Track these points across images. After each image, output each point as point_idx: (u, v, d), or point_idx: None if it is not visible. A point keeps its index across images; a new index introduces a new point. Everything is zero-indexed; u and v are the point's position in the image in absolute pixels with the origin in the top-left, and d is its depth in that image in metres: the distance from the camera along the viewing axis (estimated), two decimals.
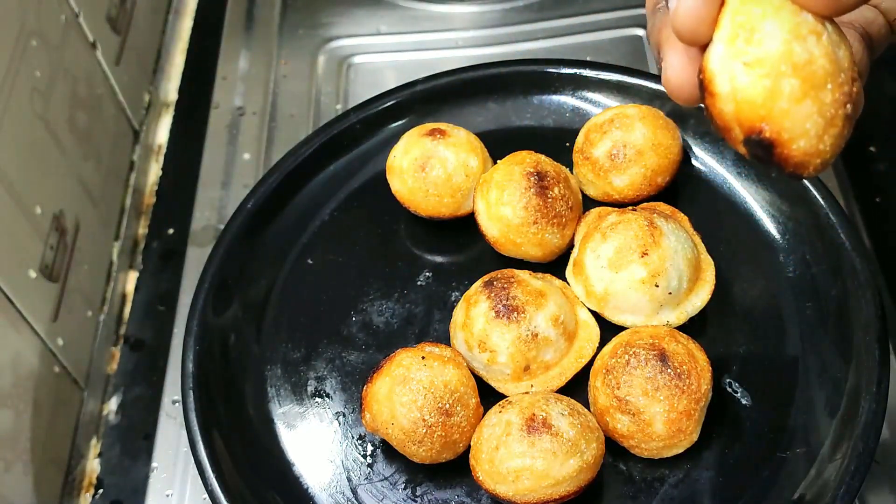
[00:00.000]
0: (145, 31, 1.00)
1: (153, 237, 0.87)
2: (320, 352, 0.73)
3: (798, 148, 0.31)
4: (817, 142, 0.32)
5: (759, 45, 0.31)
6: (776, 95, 0.31)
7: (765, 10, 0.31)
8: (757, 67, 0.31)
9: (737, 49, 0.31)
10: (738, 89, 0.31)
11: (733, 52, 0.31)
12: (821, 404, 0.66)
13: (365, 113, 0.82)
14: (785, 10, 0.31)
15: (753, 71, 0.31)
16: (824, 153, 0.32)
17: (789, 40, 0.31)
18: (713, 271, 0.70)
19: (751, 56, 0.31)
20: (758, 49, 0.31)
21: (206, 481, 0.63)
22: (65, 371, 0.75)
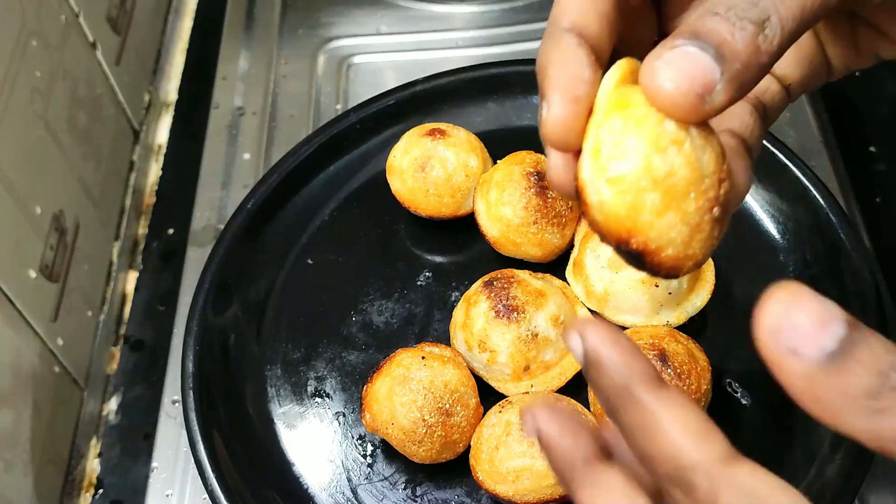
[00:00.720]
0: (145, 32, 1.00)
1: (153, 237, 0.87)
2: (320, 352, 0.73)
3: (667, 255, 0.32)
4: (685, 248, 0.32)
5: (620, 159, 0.31)
6: (638, 210, 0.31)
7: (626, 122, 0.31)
8: (618, 184, 0.31)
9: (600, 164, 0.31)
10: (603, 202, 0.32)
11: (597, 167, 0.32)
12: None
13: (365, 113, 0.82)
14: (648, 121, 0.31)
15: (615, 187, 0.31)
16: (695, 256, 0.33)
17: (649, 154, 0.31)
18: (713, 271, 0.69)
19: (612, 172, 0.31)
20: (618, 164, 0.31)
21: (206, 481, 0.63)
22: (65, 371, 0.75)
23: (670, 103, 0.31)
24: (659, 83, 0.31)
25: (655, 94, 0.31)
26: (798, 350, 0.28)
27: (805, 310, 0.29)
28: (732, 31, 0.31)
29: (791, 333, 0.29)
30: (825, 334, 0.28)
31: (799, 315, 0.29)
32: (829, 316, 0.28)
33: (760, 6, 0.31)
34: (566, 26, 0.34)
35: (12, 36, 0.70)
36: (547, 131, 0.33)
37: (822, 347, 0.28)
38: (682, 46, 0.31)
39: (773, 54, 0.32)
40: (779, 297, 0.29)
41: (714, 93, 0.31)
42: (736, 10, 0.31)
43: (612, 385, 0.32)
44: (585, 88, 0.33)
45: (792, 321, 0.29)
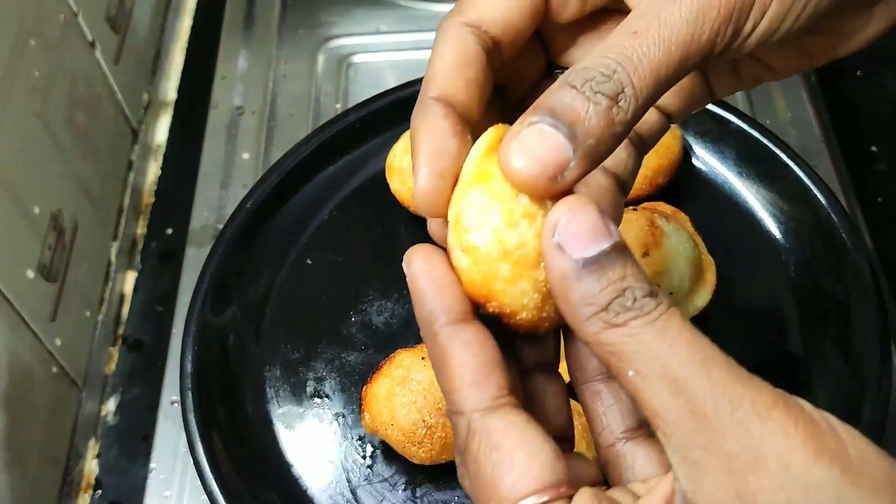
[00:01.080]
0: (144, 31, 1.00)
1: (152, 237, 0.87)
2: (319, 352, 0.72)
3: (522, 318, 0.34)
4: (538, 312, 0.35)
5: (476, 232, 0.33)
6: (491, 278, 0.34)
7: (483, 196, 0.34)
8: (473, 253, 0.34)
9: (458, 235, 0.34)
10: (462, 269, 0.34)
11: (456, 236, 0.34)
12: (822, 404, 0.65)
13: (364, 112, 0.82)
14: (503, 195, 0.33)
15: (471, 256, 0.34)
16: (551, 318, 0.35)
17: (500, 229, 0.33)
18: (714, 271, 0.69)
19: (467, 242, 0.34)
20: (474, 236, 0.33)
21: (205, 482, 0.63)
22: (63, 371, 0.75)
23: (522, 184, 0.32)
24: (512, 165, 0.32)
25: (509, 175, 0.33)
26: (563, 247, 0.31)
27: (586, 218, 0.32)
28: (587, 107, 0.32)
29: (564, 231, 0.32)
30: (590, 243, 0.31)
31: (579, 220, 0.31)
32: (602, 233, 0.31)
33: (615, 78, 0.32)
34: (433, 95, 0.36)
35: (11, 35, 0.70)
36: (417, 203, 0.35)
37: (581, 252, 0.31)
38: (537, 124, 0.32)
39: (628, 123, 0.33)
40: (574, 200, 0.32)
41: (566, 171, 0.32)
42: (592, 83, 0.32)
43: (420, 316, 0.35)
44: (450, 162, 0.34)
45: (570, 221, 0.32)
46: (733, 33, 0.34)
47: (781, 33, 0.35)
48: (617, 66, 0.33)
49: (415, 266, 0.35)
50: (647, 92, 0.33)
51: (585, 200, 0.32)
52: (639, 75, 0.33)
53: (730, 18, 0.34)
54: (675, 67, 0.33)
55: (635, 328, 0.30)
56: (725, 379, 0.31)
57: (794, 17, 0.35)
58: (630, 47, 0.33)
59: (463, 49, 0.36)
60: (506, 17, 0.37)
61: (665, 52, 0.33)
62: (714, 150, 0.78)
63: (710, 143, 0.79)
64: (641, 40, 0.33)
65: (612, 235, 0.31)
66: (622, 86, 0.32)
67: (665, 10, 0.33)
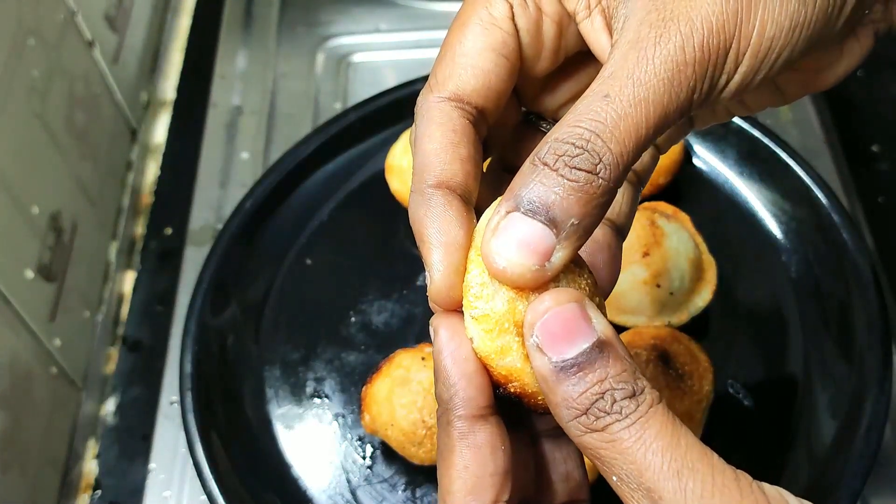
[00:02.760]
0: (143, 30, 0.99)
1: (151, 237, 0.86)
2: (319, 352, 0.72)
3: (542, 400, 0.34)
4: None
5: (483, 301, 0.34)
6: (510, 357, 0.34)
7: (486, 283, 0.34)
8: (489, 336, 0.34)
9: (471, 316, 0.34)
10: (478, 349, 0.34)
11: (469, 320, 0.34)
12: (823, 405, 0.65)
13: (364, 112, 0.82)
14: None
15: (487, 336, 0.34)
16: None
17: (513, 309, 0.33)
18: (715, 271, 0.69)
19: (482, 322, 0.34)
20: (487, 318, 0.33)
21: (205, 482, 0.62)
22: (62, 372, 0.74)
23: (511, 283, 0.32)
24: (496, 267, 0.32)
25: (496, 275, 0.32)
26: (541, 349, 0.31)
27: (563, 319, 0.31)
28: (562, 185, 0.31)
29: (541, 333, 0.31)
30: (568, 346, 0.31)
31: (556, 321, 0.31)
32: (581, 333, 0.31)
33: (590, 149, 0.31)
34: (432, 183, 0.35)
35: (9, 35, 0.70)
36: (434, 299, 0.35)
37: (560, 354, 0.31)
38: (514, 213, 0.31)
39: (611, 191, 0.32)
40: (553, 297, 0.32)
41: (553, 257, 0.31)
42: (565, 158, 0.31)
43: (439, 396, 0.35)
44: (461, 255, 0.34)
45: (548, 323, 0.31)
46: (709, 88, 0.33)
47: (756, 83, 0.35)
48: (591, 135, 0.31)
49: (441, 341, 0.34)
50: (628, 156, 0.31)
51: (565, 297, 0.31)
52: (616, 140, 0.31)
53: (704, 75, 0.33)
54: (655, 127, 0.32)
55: (614, 432, 0.30)
56: (701, 492, 0.30)
57: (769, 68, 0.34)
58: (604, 112, 0.31)
59: (451, 127, 0.35)
60: (486, 85, 0.36)
61: (643, 114, 0.32)
62: (715, 150, 0.78)
63: (711, 143, 0.78)
64: (616, 104, 0.31)
65: (592, 333, 0.31)
66: (598, 156, 0.31)
67: (638, 70, 0.32)
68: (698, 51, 0.32)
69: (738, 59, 0.33)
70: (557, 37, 0.38)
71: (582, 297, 0.32)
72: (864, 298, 0.66)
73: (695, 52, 0.32)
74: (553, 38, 0.38)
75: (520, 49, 0.37)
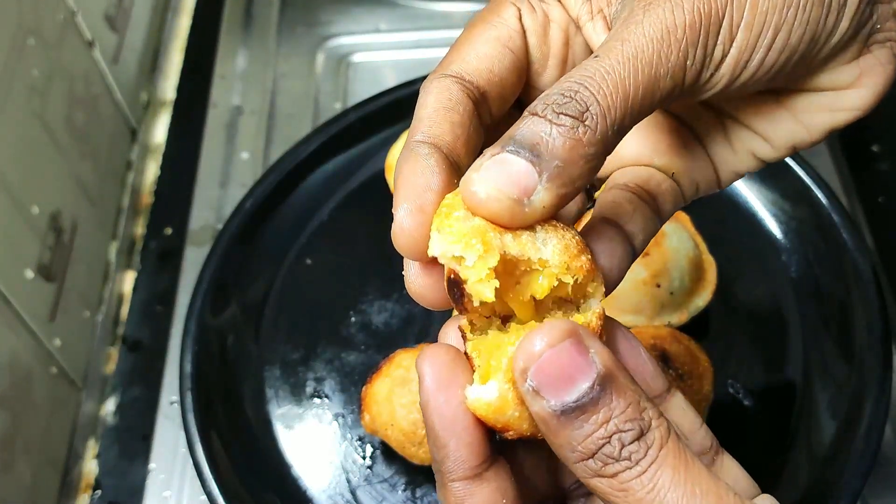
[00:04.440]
0: (143, 30, 0.99)
1: (151, 237, 0.86)
2: (319, 352, 0.72)
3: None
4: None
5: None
6: (504, 411, 0.32)
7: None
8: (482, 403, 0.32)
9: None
10: (471, 406, 0.32)
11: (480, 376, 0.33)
12: (823, 405, 0.65)
13: (364, 111, 0.82)
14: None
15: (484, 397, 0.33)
16: None
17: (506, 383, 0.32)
18: (715, 271, 0.69)
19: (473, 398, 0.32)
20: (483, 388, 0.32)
21: (205, 482, 0.62)
22: (62, 372, 0.74)
23: (485, 210, 0.31)
24: (471, 189, 0.31)
25: (470, 203, 0.31)
26: (538, 393, 0.29)
27: (560, 360, 0.29)
28: (549, 129, 0.31)
29: (535, 377, 0.29)
30: (567, 389, 0.29)
31: (552, 363, 0.29)
32: (580, 372, 0.29)
33: (578, 98, 0.31)
34: (419, 138, 0.34)
35: (9, 34, 0.70)
36: (396, 240, 0.33)
37: (559, 399, 0.29)
38: (498, 154, 0.31)
39: (598, 143, 0.31)
40: (546, 334, 0.30)
41: (535, 195, 0.31)
42: (553, 105, 0.31)
43: (433, 456, 0.33)
44: (431, 197, 0.33)
45: (543, 366, 0.29)
46: (703, 58, 0.33)
47: (754, 67, 0.34)
48: (579, 86, 0.31)
49: (427, 392, 0.32)
50: (617, 111, 0.31)
51: (558, 334, 0.30)
52: (604, 93, 0.31)
53: (696, 41, 0.33)
54: (644, 86, 0.32)
55: (625, 481, 0.29)
56: None
57: (765, 49, 0.34)
58: (592, 68, 0.32)
59: (446, 95, 0.35)
60: (488, 67, 0.36)
61: (631, 70, 0.31)
62: None
63: None
64: (604, 60, 0.32)
65: (591, 371, 0.29)
66: (586, 104, 0.31)
67: (627, 31, 0.32)
68: (688, 14, 0.32)
69: (733, 31, 0.33)
70: (564, 44, 0.38)
71: (576, 328, 0.30)
72: (865, 298, 0.66)
73: (685, 16, 0.32)
74: (560, 45, 0.38)
75: (526, 48, 0.37)
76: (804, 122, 0.39)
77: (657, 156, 0.41)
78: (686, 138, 0.42)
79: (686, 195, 0.42)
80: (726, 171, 0.42)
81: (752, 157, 0.41)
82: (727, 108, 0.41)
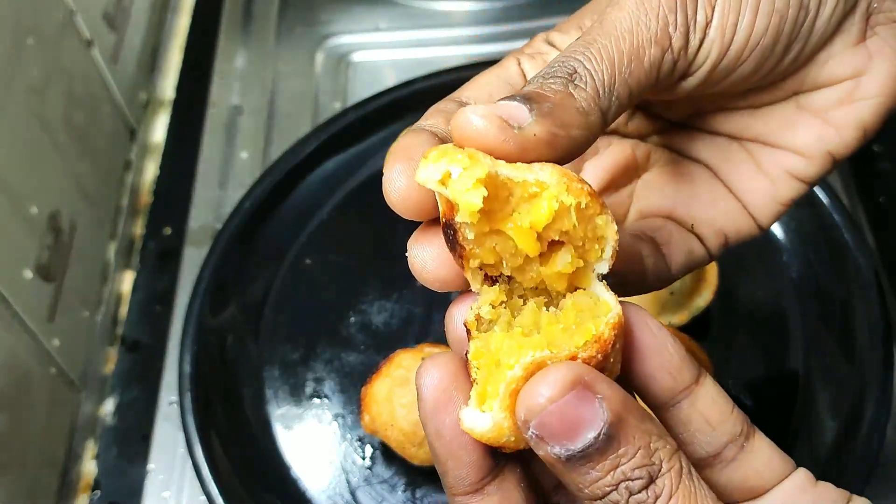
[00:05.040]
0: (142, 29, 0.99)
1: (150, 237, 0.86)
2: (319, 353, 0.72)
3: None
4: None
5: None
6: (500, 437, 0.31)
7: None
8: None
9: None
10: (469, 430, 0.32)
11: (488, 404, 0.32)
12: (824, 405, 0.65)
13: (364, 111, 0.82)
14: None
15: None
16: None
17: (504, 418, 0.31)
18: (716, 271, 0.69)
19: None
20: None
21: (204, 483, 0.62)
22: (61, 372, 0.74)
23: (475, 133, 0.31)
24: (464, 117, 0.31)
25: (462, 130, 0.31)
26: (543, 439, 0.29)
27: (562, 415, 0.29)
28: (542, 85, 0.32)
29: (539, 430, 0.29)
30: (571, 440, 0.29)
31: (552, 418, 0.29)
32: (587, 423, 0.29)
33: (566, 64, 0.33)
34: (415, 129, 0.35)
35: (8, 34, 0.70)
36: (390, 199, 0.34)
37: (564, 446, 0.29)
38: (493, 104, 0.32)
39: (591, 100, 0.32)
40: (549, 383, 0.29)
41: (525, 124, 0.31)
42: (541, 76, 0.33)
43: (438, 470, 0.33)
44: (423, 150, 0.33)
45: (545, 420, 0.29)
46: (685, 22, 0.34)
47: (745, 30, 0.34)
48: (564, 58, 0.33)
49: (425, 412, 0.32)
50: (605, 73, 0.32)
51: (561, 384, 0.29)
52: (588, 57, 0.32)
53: (674, 6, 0.34)
54: (629, 53, 0.33)
55: None
56: None
57: (752, 11, 0.34)
58: (574, 45, 0.33)
59: (444, 115, 0.36)
60: (488, 94, 0.37)
61: (612, 40, 0.33)
62: None
63: None
64: (585, 36, 0.33)
65: (598, 421, 0.28)
66: (573, 68, 0.32)
67: (605, 12, 0.34)
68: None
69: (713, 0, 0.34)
70: None
71: (581, 374, 0.29)
72: (866, 298, 0.66)
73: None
74: None
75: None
76: (830, 121, 0.39)
77: (678, 206, 0.41)
78: (709, 184, 0.41)
79: (711, 247, 0.42)
80: (766, 205, 0.41)
81: (790, 179, 0.40)
82: (750, 129, 0.40)
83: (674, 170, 0.42)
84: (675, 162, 0.42)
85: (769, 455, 0.35)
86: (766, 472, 0.34)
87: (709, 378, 0.35)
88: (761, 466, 0.34)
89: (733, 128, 0.41)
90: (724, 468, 0.34)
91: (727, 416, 0.34)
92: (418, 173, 0.31)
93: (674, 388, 0.33)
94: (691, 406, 0.33)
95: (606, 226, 0.32)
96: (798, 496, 0.33)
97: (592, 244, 0.32)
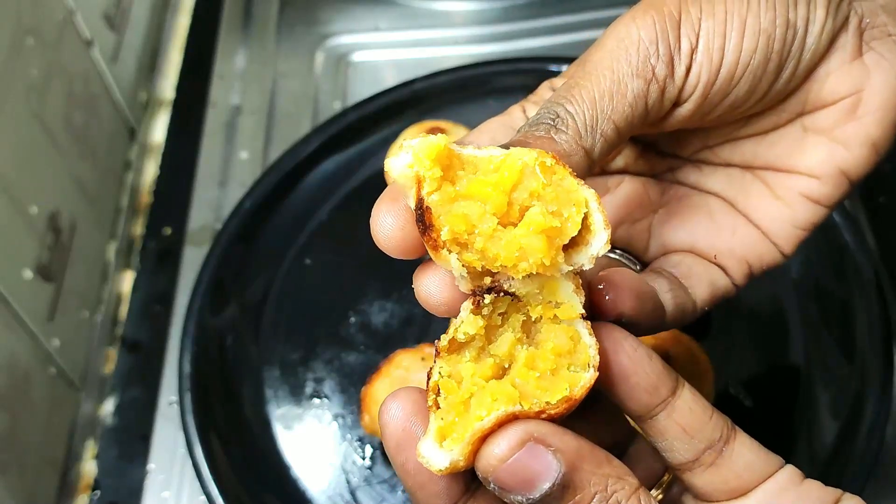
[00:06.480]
0: (142, 29, 0.99)
1: (150, 237, 0.86)
2: (318, 353, 0.72)
3: None
4: None
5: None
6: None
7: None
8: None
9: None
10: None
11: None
12: (824, 406, 0.65)
13: (364, 111, 0.81)
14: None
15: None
16: None
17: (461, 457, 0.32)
18: None
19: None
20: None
21: (203, 483, 0.62)
22: (61, 372, 0.74)
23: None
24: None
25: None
26: (505, 491, 0.31)
27: (515, 471, 0.30)
28: (526, 133, 0.34)
29: (498, 484, 0.31)
30: (530, 490, 0.30)
31: (507, 475, 0.30)
32: (540, 478, 0.30)
33: (550, 110, 0.34)
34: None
35: (8, 34, 0.70)
36: (379, 240, 0.37)
37: (525, 497, 0.30)
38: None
39: (571, 141, 0.34)
40: (503, 442, 0.31)
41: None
42: (531, 122, 0.34)
43: (412, 500, 0.35)
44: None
45: (500, 476, 0.30)
46: (667, 51, 0.35)
47: (733, 51, 0.35)
48: (548, 104, 0.34)
49: (390, 448, 0.34)
50: (585, 114, 0.34)
51: (515, 441, 0.31)
52: (569, 100, 0.34)
53: (655, 38, 0.35)
54: (611, 87, 0.34)
55: None
56: None
57: (738, 34, 0.35)
58: (559, 89, 0.35)
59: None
60: (491, 138, 0.39)
61: (593, 79, 0.34)
62: None
63: None
64: (569, 80, 0.35)
65: (552, 473, 0.30)
66: (556, 112, 0.34)
67: (587, 53, 0.35)
68: (639, 19, 0.35)
69: (695, 24, 0.35)
70: None
71: (531, 433, 0.31)
72: (866, 299, 0.66)
73: (635, 22, 0.35)
74: None
75: None
76: (837, 139, 0.39)
77: (698, 239, 0.42)
78: (727, 215, 0.42)
79: (734, 276, 0.43)
80: (785, 230, 0.42)
81: (805, 202, 0.41)
82: (760, 157, 0.41)
83: (690, 203, 0.43)
84: (691, 196, 0.43)
85: (750, 457, 0.36)
86: (746, 473, 0.35)
87: (686, 388, 0.36)
88: (741, 469, 0.35)
89: (743, 157, 0.41)
90: (703, 472, 0.35)
91: (705, 423, 0.36)
92: (391, 170, 0.34)
93: (649, 404, 0.35)
94: (668, 418, 0.34)
95: (580, 188, 0.33)
96: (779, 495, 0.34)
97: (567, 206, 0.33)
